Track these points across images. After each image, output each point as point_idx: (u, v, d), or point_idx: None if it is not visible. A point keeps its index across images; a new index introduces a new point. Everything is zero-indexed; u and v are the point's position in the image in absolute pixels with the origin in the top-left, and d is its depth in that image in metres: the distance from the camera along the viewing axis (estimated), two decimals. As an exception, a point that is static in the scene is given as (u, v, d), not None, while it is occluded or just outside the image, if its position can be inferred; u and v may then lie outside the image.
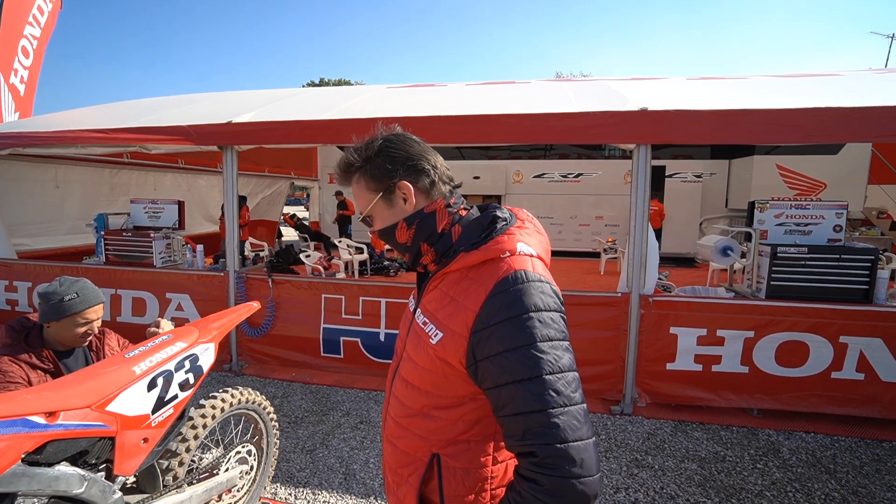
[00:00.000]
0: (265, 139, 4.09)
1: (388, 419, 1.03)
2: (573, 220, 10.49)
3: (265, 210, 10.44)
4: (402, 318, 1.09)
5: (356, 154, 0.93)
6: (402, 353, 1.01)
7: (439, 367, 0.88)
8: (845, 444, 3.01)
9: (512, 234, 0.88)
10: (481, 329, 0.80)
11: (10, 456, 1.16)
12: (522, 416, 0.74)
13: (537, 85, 5.66)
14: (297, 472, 2.69)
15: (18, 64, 7.49)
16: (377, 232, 0.98)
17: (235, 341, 4.23)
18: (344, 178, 0.97)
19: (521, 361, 0.75)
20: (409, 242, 0.94)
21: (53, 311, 1.71)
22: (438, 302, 0.90)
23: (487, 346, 0.79)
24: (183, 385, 1.73)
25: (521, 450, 0.75)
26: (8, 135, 4.60)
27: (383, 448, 1.06)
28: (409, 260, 0.99)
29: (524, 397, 0.74)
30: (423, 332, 0.91)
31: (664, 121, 3.28)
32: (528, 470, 0.74)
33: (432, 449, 0.92)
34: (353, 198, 1.02)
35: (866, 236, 7.58)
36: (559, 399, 0.73)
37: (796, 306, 3.24)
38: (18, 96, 7.46)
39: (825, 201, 3.48)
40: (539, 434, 0.72)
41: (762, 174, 8.82)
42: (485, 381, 0.81)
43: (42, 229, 5.97)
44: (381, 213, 0.95)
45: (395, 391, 1.00)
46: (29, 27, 7.67)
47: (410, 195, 0.92)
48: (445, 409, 0.90)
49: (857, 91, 3.92)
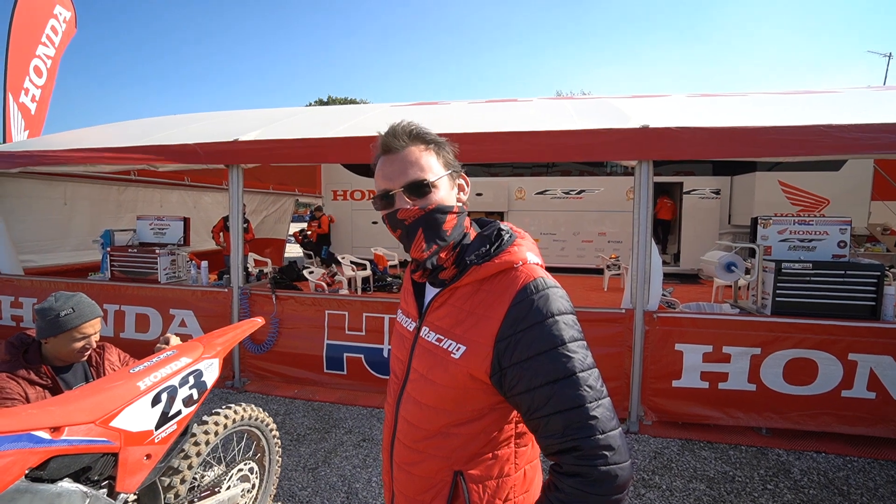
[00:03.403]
0: (271, 157, 4.15)
1: (397, 446, 0.98)
2: (576, 236, 10.50)
3: (272, 228, 10.50)
4: (396, 339, 1.05)
5: (424, 132, 0.91)
6: (403, 375, 0.98)
7: (462, 382, 0.86)
8: (858, 464, 2.94)
9: (519, 246, 0.92)
10: (507, 337, 0.82)
11: (14, 472, 1.16)
12: (562, 414, 0.77)
13: (539, 103, 5.75)
14: (299, 491, 2.65)
15: (30, 83, 7.60)
16: (429, 207, 0.89)
17: (238, 357, 4.21)
18: (410, 140, 0.90)
19: (553, 363, 0.79)
20: (449, 233, 0.91)
21: (50, 327, 1.72)
22: (452, 317, 0.89)
23: (516, 353, 0.81)
24: (187, 401, 1.73)
25: (563, 446, 0.77)
26: (19, 154, 4.69)
27: (394, 477, 0.99)
28: (426, 257, 0.91)
29: (562, 396, 0.77)
30: (438, 350, 0.89)
31: (666, 138, 3.31)
32: (573, 465, 0.76)
33: (454, 467, 0.90)
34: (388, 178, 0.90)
35: (871, 252, 7.54)
36: (593, 393, 0.78)
37: (803, 322, 3.21)
38: (29, 115, 7.58)
39: (829, 217, 3.48)
40: (581, 428, 0.76)
41: (764, 190, 8.83)
42: (514, 386, 0.81)
43: (50, 246, 6.04)
44: (444, 190, 0.91)
45: (406, 415, 0.95)
46: (42, 47, 7.80)
47: (467, 190, 0.97)
48: (465, 425, 0.89)
49: (857, 108, 3.96)
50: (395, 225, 0.92)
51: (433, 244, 0.90)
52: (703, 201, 9.80)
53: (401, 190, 0.89)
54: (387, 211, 0.92)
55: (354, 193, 11.56)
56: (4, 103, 7.16)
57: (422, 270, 0.96)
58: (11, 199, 5.39)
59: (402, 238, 0.93)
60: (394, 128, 0.90)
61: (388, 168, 0.90)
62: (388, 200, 0.91)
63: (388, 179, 0.90)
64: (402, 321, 1.05)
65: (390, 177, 0.90)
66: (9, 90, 7.23)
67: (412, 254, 0.93)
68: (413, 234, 0.90)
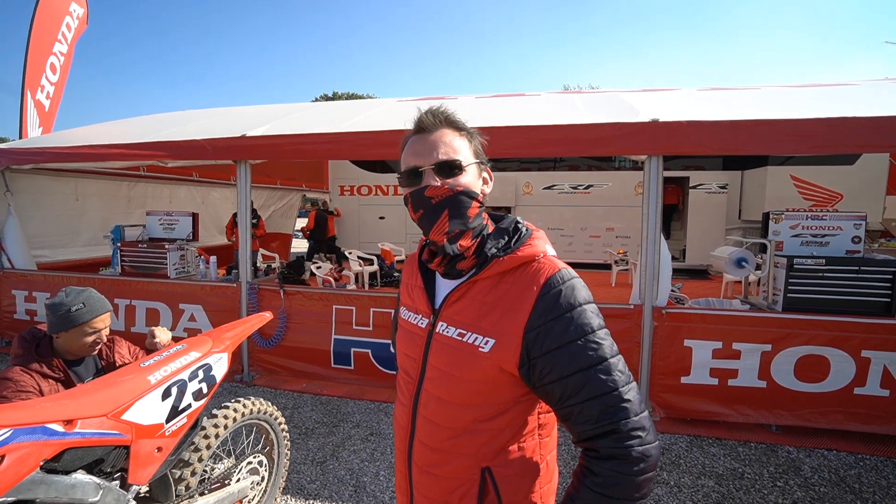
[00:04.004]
0: (278, 153, 4.16)
1: (418, 448, 0.95)
2: (584, 231, 10.43)
3: (278, 223, 10.55)
4: (405, 337, 1.01)
5: (459, 119, 0.92)
6: (418, 373, 0.95)
7: (491, 376, 0.86)
8: (870, 462, 2.91)
9: (538, 239, 0.92)
10: (536, 327, 0.82)
11: (30, 463, 1.18)
12: (597, 399, 0.79)
13: (547, 97, 5.70)
14: (308, 484, 2.67)
15: (46, 80, 7.68)
16: (458, 188, 0.87)
17: (247, 352, 4.25)
18: (444, 123, 0.90)
19: (585, 350, 0.81)
20: (472, 220, 0.90)
21: (61, 322, 1.74)
22: (475, 311, 0.88)
23: (546, 343, 0.82)
24: (196, 395, 1.75)
25: (599, 431, 0.79)
26: (32, 151, 4.75)
27: (414, 481, 0.96)
28: (447, 241, 0.89)
29: (596, 381, 0.79)
30: (463, 345, 0.88)
31: (676, 132, 3.27)
32: (610, 448, 0.78)
33: (481, 464, 0.89)
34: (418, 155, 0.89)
35: (886, 248, 7.41)
36: (624, 378, 0.81)
37: (815, 319, 3.17)
38: (43, 111, 7.66)
39: (843, 212, 3.43)
40: (617, 412, 0.78)
41: (776, 185, 8.70)
42: (545, 376, 0.82)
43: (62, 241, 6.11)
44: (472, 176, 0.91)
45: (427, 415, 0.93)
46: (58, 44, 7.88)
47: (490, 182, 0.97)
48: (491, 420, 0.88)
49: (873, 100, 3.88)
50: (420, 204, 0.89)
51: (455, 228, 0.89)
52: (709, 196, 9.68)
53: (431, 167, 0.87)
54: (413, 188, 0.90)
55: (361, 189, 11.57)
56: (23, 101, 7.24)
57: (440, 257, 0.93)
58: (24, 195, 5.46)
59: (423, 218, 0.90)
60: (429, 109, 0.90)
61: (419, 145, 0.89)
62: (415, 178, 0.89)
63: (419, 156, 0.89)
64: (408, 318, 1.01)
65: (421, 153, 0.88)
66: (27, 87, 7.30)
67: (432, 236, 0.91)
68: (437, 214, 0.88)
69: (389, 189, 11.41)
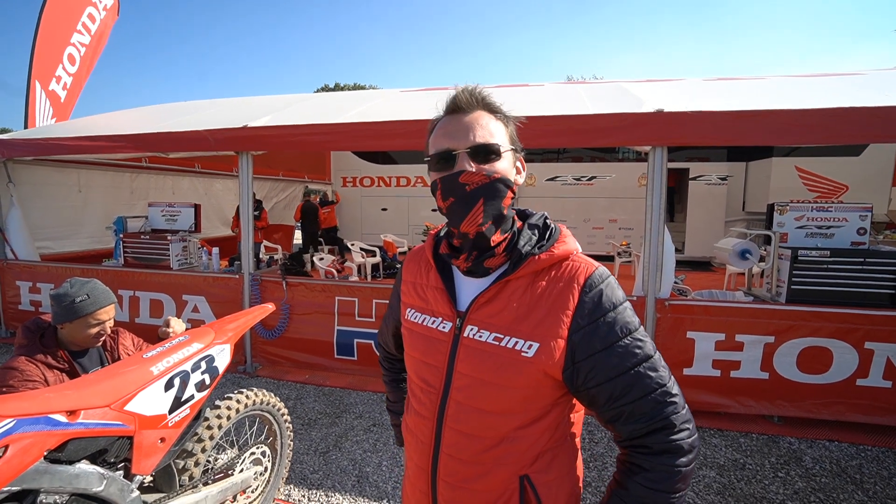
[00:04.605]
0: (280, 143, 4.14)
1: (447, 463, 0.87)
2: (587, 223, 10.39)
3: (281, 214, 10.56)
4: (421, 344, 0.92)
5: (496, 102, 0.85)
6: (442, 383, 0.87)
7: (536, 381, 0.81)
8: (872, 453, 2.91)
9: (568, 236, 0.89)
10: (581, 328, 0.80)
11: (34, 453, 1.18)
12: (649, 397, 0.78)
13: (551, 87, 5.64)
14: (311, 474, 2.69)
15: (62, 71, 7.53)
16: (495, 175, 0.81)
17: (250, 343, 4.27)
18: (481, 105, 0.83)
19: (634, 348, 0.79)
20: (506, 211, 0.84)
21: (66, 313, 1.74)
22: (511, 313, 0.82)
23: (592, 343, 0.79)
24: (199, 386, 1.75)
25: (652, 427, 0.78)
26: (32, 142, 4.74)
27: (442, 498, 0.89)
28: (482, 231, 0.82)
29: (646, 379, 0.78)
30: (502, 350, 0.81)
31: (680, 122, 3.23)
32: (664, 443, 0.77)
33: (520, 472, 0.84)
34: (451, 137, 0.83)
35: (892, 239, 7.36)
36: (667, 373, 0.81)
37: (819, 311, 3.15)
38: (58, 102, 7.53)
39: (848, 203, 3.39)
40: (669, 405, 0.78)
41: (781, 176, 8.63)
42: (592, 378, 0.79)
43: (65, 232, 6.13)
44: (508, 163, 0.84)
45: (459, 427, 0.85)
46: (77, 35, 7.73)
47: (522, 174, 0.90)
48: (529, 426, 0.84)
49: (882, 90, 3.82)
50: (451, 191, 0.81)
51: (489, 219, 0.81)
52: (709, 188, 9.61)
53: (466, 151, 0.80)
54: (444, 173, 0.82)
55: (364, 180, 11.54)
56: (29, 90, 7.18)
57: (466, 253, 0.86)
58: (27, 186, 5.47)
59: (454, 206, 0.82)
60: (465, 88, 0.83)
61: (452, 126, 0.82)
62: (447, 162, 0.81)
63: (453, 138, 0.81)
64: (423, 322, 0.92)
65: (455, 135, 0.81)
66: (35, 77, 7.21)
67: (464, 227, 0.82)
68: (472, 203, 0.80)
69: (392, 180, 11.38)
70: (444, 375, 0.87)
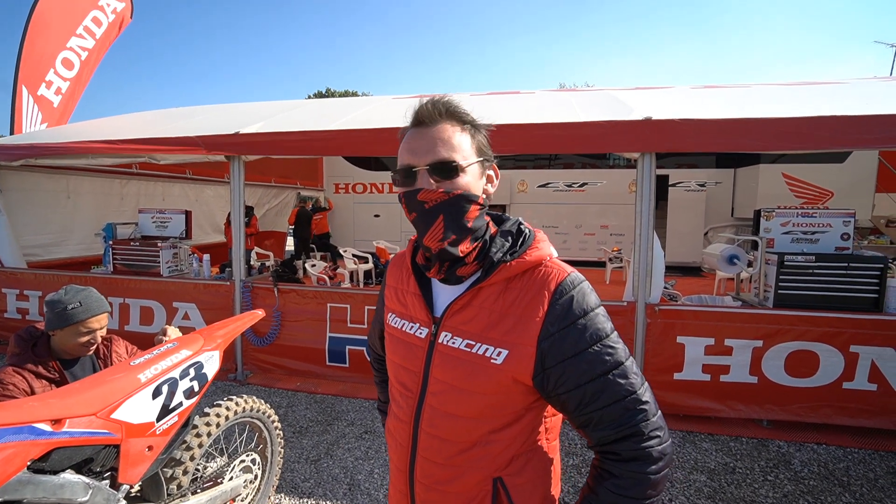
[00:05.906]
0: (272, 149, 4.14)
1: (422, 465, 0.89)
2: (578, 229, 10.47)
3: (273, 221, 10.51)
4: (400, 348, 0.93)
5: (462, 111, 0.84)
6: (418, 388, 0.88)
7: (505, 387, 0.82)
8: (858, 456, 2.95)
9: (542, 241, 0.88)
10: (550, 335, 0.79)
11: (17, 463, 1.17)
12: (618, 404, 0.78)
13: (541, 95, 5.70)
14: (302, 483, 2.67)
15: (55, 76, 7.39)
16: (454, 192, 0.80)
17: (241, 350, 4.23)
18: (445, 116, 0.82)
19: (602, 356, 0.79)
20: (471, 224, 0.83)
21: (57, 319, 1.73)
22: (483, 320, 0.83)
23: (562, 350, 0.79)
24: (188, 393, 1.74)
25: (621, 434, 0.78)
26: (20, 146, 4.69)
27: (418, 499, 0.90)
28: (443, 248, 0.83)
29: (615, 386, 0.78)
30: (473, 357, 0.82)
31: (669, 130, 3.28)
32: (632, 450, 0.78)
33: (493, 475, 0.85)
34: (413, 153, 0.82)
35: (875, 245, 7.49)
36: (639, 379, 0.80)
37: (805, 315, 3.20)
38: (50, 108, 7.38)
39: (832, 209, 3.46)
40: (637, 414, 0.78)
41: (768, 183, 8.77)
42: (561, 385, 0.79)
43: (54, 239, 6.05)
44: (472, 177, 0.84)
45: (433, 431, 0.87)
46: (78, 39, 7.60)
47: (496, 181, 0.90)
48: (503, 430, 0.85)
49: (863, 98, 3.91)
50: (413, 207, 0.83)
51: (451, 234, 0.82)
52: (688, 194, 9.73)
53: (426, 168, 0.80)
54: (406, 189, 0.83)
55: (356, 186, 11.54)
56: (15, 97, 7.08)
57: (438, 265, 0.87)
58: (14, 193, 5.40)
59: (416, 222, 0.84)
60: (430, 100, 0.82)
61: (415, 142, 0.82)
62: (409, 178, 0.82)
63: (414, 154, 0.81)
64: (402, 327, 0.94)
65: (416, 151, 0.81)
66: (22, 82, 7.08)
67: (426, 241, 0.84)
68: (431, 219, 0.81)
69: (384, 187, 11.38)
70: (420, 380, 0.89)
